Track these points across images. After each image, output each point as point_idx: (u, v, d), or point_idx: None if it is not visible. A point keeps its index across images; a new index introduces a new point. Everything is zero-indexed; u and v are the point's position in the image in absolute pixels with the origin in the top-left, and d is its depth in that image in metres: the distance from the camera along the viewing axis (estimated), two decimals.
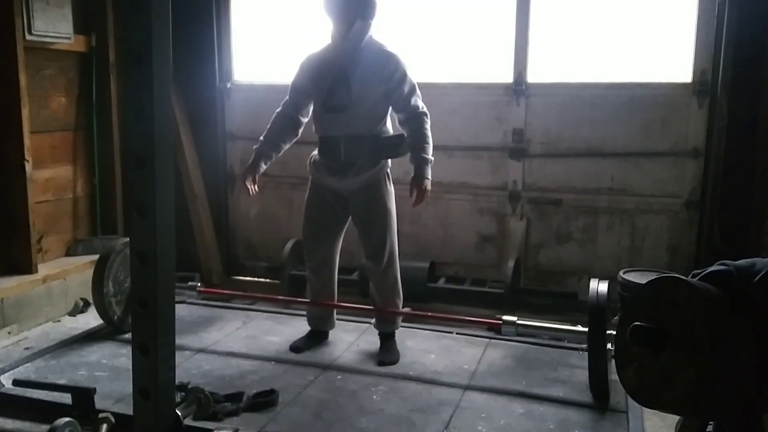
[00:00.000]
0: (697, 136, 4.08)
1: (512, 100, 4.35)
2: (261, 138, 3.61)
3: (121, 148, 4.71)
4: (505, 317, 3.47)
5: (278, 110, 3.61)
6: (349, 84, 3.35)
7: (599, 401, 3.13)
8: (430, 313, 3.94)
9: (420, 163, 3.40)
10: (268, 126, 3.61)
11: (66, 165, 4.55)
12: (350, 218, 3.61)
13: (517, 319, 3.45)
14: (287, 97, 3.59)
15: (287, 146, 3.64)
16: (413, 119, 3.41)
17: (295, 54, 3.65)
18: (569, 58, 4.28)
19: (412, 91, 3.41)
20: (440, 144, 4.42)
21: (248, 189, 3.56)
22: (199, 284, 4.15)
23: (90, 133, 4.67)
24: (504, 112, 4.39)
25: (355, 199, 3.52)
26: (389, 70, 3.35)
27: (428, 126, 3.44)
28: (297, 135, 3.63)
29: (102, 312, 3.80)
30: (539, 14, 4.27)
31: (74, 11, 4.36)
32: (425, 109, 3.44)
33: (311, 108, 3.55)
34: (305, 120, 3.60)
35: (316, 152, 3.59)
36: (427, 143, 3.42)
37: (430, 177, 3.42)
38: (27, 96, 4.06)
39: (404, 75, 3.37)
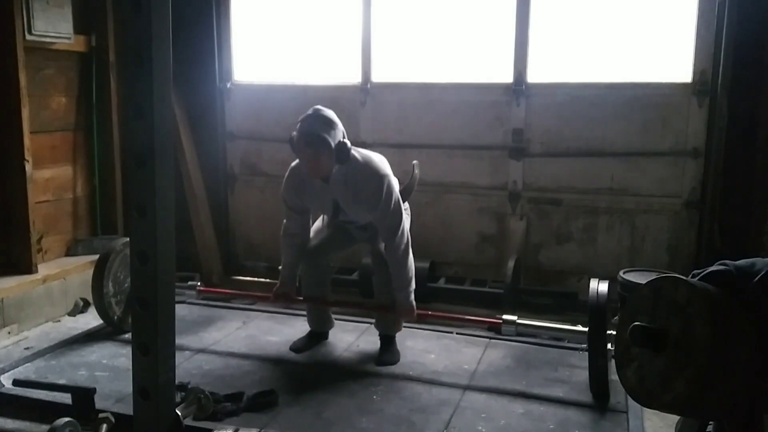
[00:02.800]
0: (697, 136, 4.07)
1: (512, 100, 4.35)
2: (282, 265, 3.68)
3: (121, 148, 4.71)
4: (505, 317, 3.47)
5: (283, 232, 3.62)
6: (347, 212, 3.47)
7: (599, 401, 3.14)
8: (430, 313, 3.94)
9: (405, 296, 3.47)
10: (283, 251, 3.65)
11: (66, 165, 4.56)
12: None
13: (518, 319, 3.45)
14: (287, 216, 3.59)
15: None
16: (393, 251, 3.40)
17: (295, 54, 3.64)
18: (569, 58, 4.28)
19: (393, 214, 3.37)
20: (440, 144, 4.46)
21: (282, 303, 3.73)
22: (199, 284, 4.15)
23: (90, 133, 4.67)
24: (504, 112, 4.39)
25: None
26: (375, 197, 3.33)
27: (408, 253, 3.44)
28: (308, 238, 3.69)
29: (102, 312, 3.80)
30: (539, 14, 4.27)
31: (74, 11, 4.37)
32: (404, 235, 3.42)
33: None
34: (309, 231, 3.68)
35: None
36: (408, 273, 3.45)
37: (414, 303, 3.49)
38: (27, 96, 4.06)
39: (384, 199, 3.33)
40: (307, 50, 4.77)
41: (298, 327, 3.95)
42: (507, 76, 4.35)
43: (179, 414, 2.27)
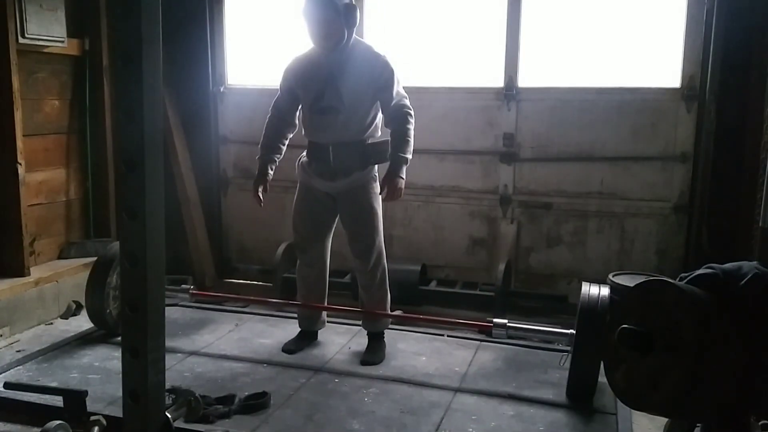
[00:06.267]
0: (686, 140, 4.11)
1: (503, 104, 4.38)
2: (260, 146, 3.63)
3: (114, 151, 4.71)
4: (495, 320, 3.48)
5: (269, 115, 3.63)
6: (339, 88, 3.36)
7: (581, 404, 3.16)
8: (421, 316, 3.96)
9: (396, 161, 3.41)
10: (264, 132, 3.62)
11: (59, 168, 4.56)
12: (338, 217, 3.65)
13: (508, 322, 3.46)
14: (276, 100, 3.60)
15: (286, 144, 3.65)
16: (398, 118, 3.42)
17: (288, 58, 3.66)
18: (559, 63, 4.31)
19: (399, 90, 3.42)
20: (432, 148, 4.47)
21: (258, 199, 3.60)
22: (191, 287, 4.16)
23: (83, 136, 4.68)
24: (495, 116, 4.41)
25: (344, 199, 3.55)
26: (377, 71, 3.36)
27: (412, 126, 3.45)
28: (294, 130, 3.64)
29: (97, 311, 3.78)
30: (530, 19, 4.30)
31: (68, 15, 4.37)
32: (410, 109, 3.45)
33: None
34: (297, 119, 3.63)
35: (304, 154, 3.62)
36: (408, 143, 3.42)
37: (404, 176, 3.42)
38: (20, 99, 4.06)
39: (392, 75, 3.37)
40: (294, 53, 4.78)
41: (290, 330, 3.95)
42: (498, 81, 4.38)
43: (169, 416, 2.28)
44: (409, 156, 3.43)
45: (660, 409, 2.20)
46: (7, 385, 3.03)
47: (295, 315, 3.96)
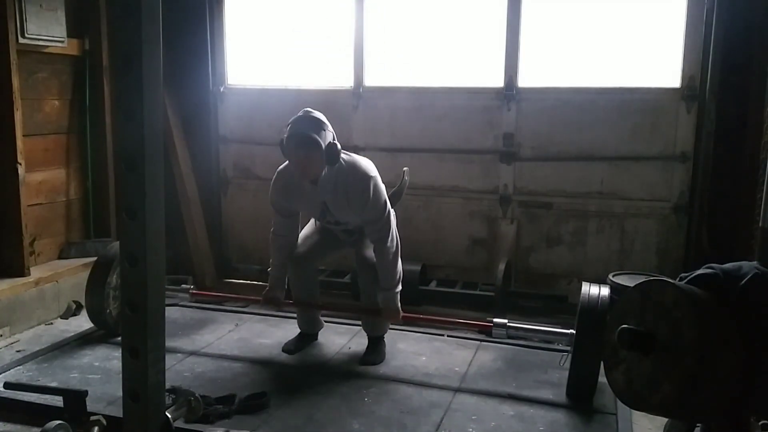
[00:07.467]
0: (686, 140, 4.11)
1: (503, 104, 4.38)
2: (272, 265, 3.66)
3: (114, 151, 4.72)
4: (495, 320, 3.48)
5: (272, 234, 3.61)
6: (335, 215, 3.48)
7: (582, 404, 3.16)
8: (421, 316, 3.96)
9: (390, 298, 3.47)
10: (272, 252, 3.64)
11: (59, 168, 4.56)
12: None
13: (508, 322, 3.47)
14: (274, 224, 3.59)
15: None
16: (379, 252, 3.43)
17: (288, 58, 3.66)
18: (559, 63, 4.31)
19: (377, 212, 3.37)
20: (432, 148, 4.49)
21: (279, 306, 3.73)
22: (191, 287, 4.16)
23: (83, 136, 4.68)
24: (495, 116, 4.41)
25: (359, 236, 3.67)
26: (357, 198, 3.33)
27: (393, 252, 3.43)
28: (297, 238, 3.67)
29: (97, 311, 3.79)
30: (530, 19, 4.30)
31: (68, 15, 4.38)
32: (390, 229, 3.41)
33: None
34: (298, 226, 3.67)
35: None
36: (395, 275, 3.46)
37: (399, 306, 3.50)
38: (20, 99, 4.07)
39: (368, 199, 3.33)
40: (300, 54, 4.79)
41: (289, 330, 3.96)
42: (498, 81, 4.38)
43: (169, 416, 2.28)
44: (399, 287, 3.48)
45: (660, 409, 2.20)
46: (7, 385, 3.03)
47: (295, 315, 3.96)
